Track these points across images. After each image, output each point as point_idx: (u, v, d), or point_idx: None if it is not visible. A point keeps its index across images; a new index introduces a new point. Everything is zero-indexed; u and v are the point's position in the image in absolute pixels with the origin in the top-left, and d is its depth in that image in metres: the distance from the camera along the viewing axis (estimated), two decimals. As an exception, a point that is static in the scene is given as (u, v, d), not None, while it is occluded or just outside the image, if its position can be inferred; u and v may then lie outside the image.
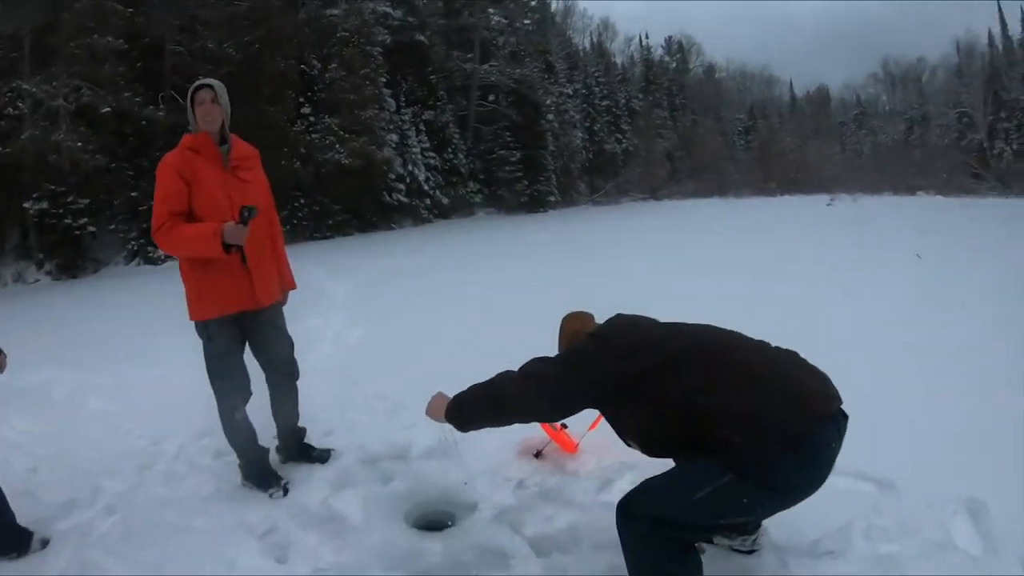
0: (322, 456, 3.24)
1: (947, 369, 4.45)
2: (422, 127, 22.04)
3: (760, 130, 49.92)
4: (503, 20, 25.98)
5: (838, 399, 1.94)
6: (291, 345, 3.16)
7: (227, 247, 2.61)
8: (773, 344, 2.13)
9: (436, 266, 11.47)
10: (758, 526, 2.42)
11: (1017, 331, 5.39)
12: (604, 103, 37.60)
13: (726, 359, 2.01)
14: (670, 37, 52.77)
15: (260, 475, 3.01)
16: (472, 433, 3.51)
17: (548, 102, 26.86)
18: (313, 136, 17.14)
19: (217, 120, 2.79)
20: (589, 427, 3.12)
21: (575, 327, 2.40)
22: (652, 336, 2.13)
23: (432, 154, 22.21)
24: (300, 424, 3.31)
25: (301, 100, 17.53)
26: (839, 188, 32.74)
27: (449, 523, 2.82)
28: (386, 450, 3.34)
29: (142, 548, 2.60)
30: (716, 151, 42.16)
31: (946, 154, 40.10)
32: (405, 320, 6.93)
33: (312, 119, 17.49)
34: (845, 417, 1.94)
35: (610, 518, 2.64)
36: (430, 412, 2.34)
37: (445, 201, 22.12)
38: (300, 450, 3.27)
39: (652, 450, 2.18)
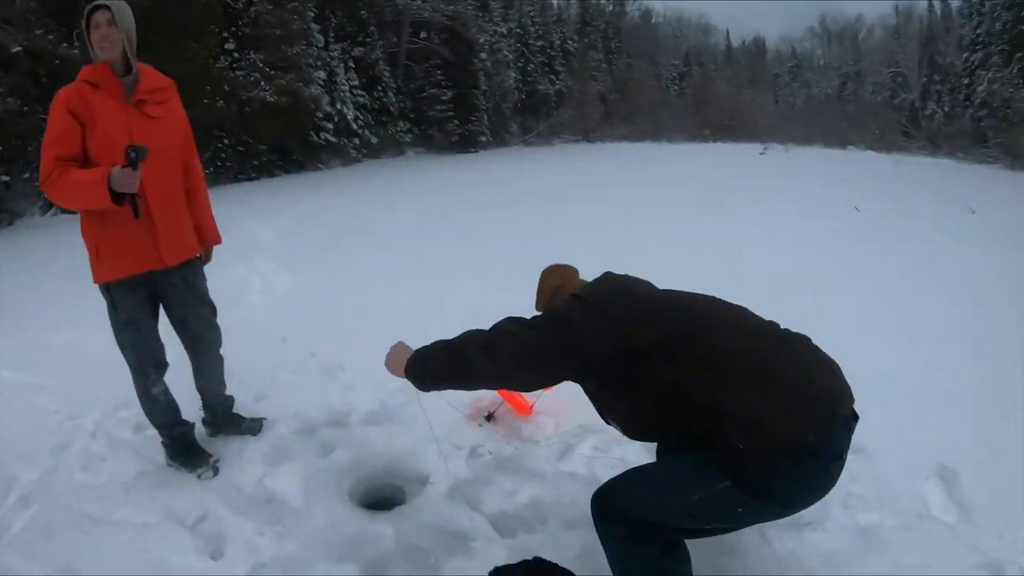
0: (253, 427, 2.94)
1: (905, 328, 4.51)
2: (351, 64, 20.96)
3: (695, 77, 50.10)
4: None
5: (851, 398, 1.69)
6: (212, 310, 2.78)
7: (118, 196, 2.19)
8: (781, 325, 1.86)
9: (366, 207, 10.92)
10: None
11: (962, 288, 5.67)
12: (538, 43, 36.70)
13: (735, 347, 1.72)
14: (609, -21, 52.16)
15: (186, 453, 2.70)
16: (416, 393, 3.37)
17: (481, 40, 25.97)
18: (237, 73, 16.01)
19: (116, 46, 2.30)
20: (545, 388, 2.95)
21: (555, 284, 2.11)
22: (649, 306, 1.84)
23: (361, 92, 21.23)
24: (227, 392, 2.99)
25: (225, 35, 16.26)
26: (772, 138, 33.21)
27: (399, 500, 2.61)
28: (324, 416, 3.08)
29: (61, 548, 2.27)
30: (650, 96, 42.03)
31: (878, 111, 41.10)
32: (336, 266, 6.52)
33: (236, 55, 16.31)
34: (856, 418, 1.70)
35: (576, 490, 2.52)
36: (389, 365, 2.06)
37: (374, 141, 21.27)
38: (229, 421, 2.95)
39: (636, 435, 1.98)
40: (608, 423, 1.99)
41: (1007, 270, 6.48)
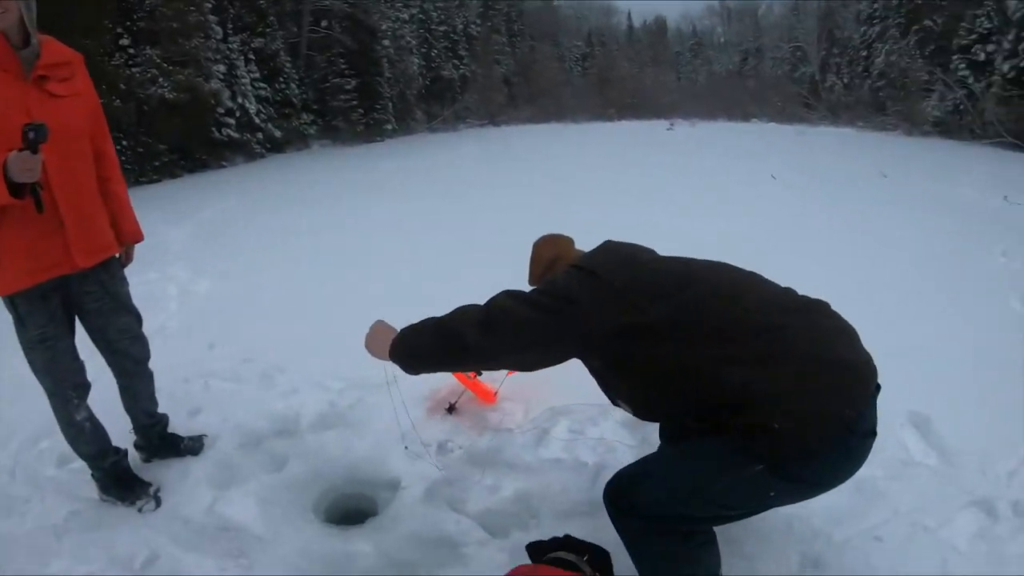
0: (193, 446, 2.61)
1: (850, 285, 4.48)
2: (251, 56, 19.83)
3: (597, 57, 50.40)
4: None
5: (875, 369, 1.57)
6: (137, 319, 2.40)
7: (17, 188, 1.80)
8: (797, 290, 1.73)
9: (278, 204, 10.26)
10: None
11: (896, 245, 5.88)
12: (441, 28, 35.96)
13: (759, 321, 1.56)
14: (509, -38, 51.87)
15: (122, 485, 2.34)
16: (367, 389, 3.12)
17: (384, 27, 24.92)
18: (134, 70, 14.85)
19: (12, 15, 1.88)
20: (507, 372, 2.74)
21: (550, 255, 1.93)
22: (658, 276, 1.67)
23: (263, 85, 20.14)
24: (160, 410, 2.63)
25: (119, 31, 15.06)
26: (676, 114, 33.91)
27: (370, 511, 2.36)
28: (269, 425, 2.79)
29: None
30: (553, 77, 41.97)
31: (779, 85, 42.20)
32: (256, 265, 6.03)
33: (132, 51, 15.14)
34: (879, 389, 1.59)
35: (563, 478, 2.35)
36: (370, 347, 1.87)
37: (278, 134, 20.27)
38: (165, 443, 2.59)
39: (649, 416, 1.81)
40: (616, 404, 1.82)
41: (928, 227, 6.74)
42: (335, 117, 23.56)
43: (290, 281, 5.32)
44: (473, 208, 8.37)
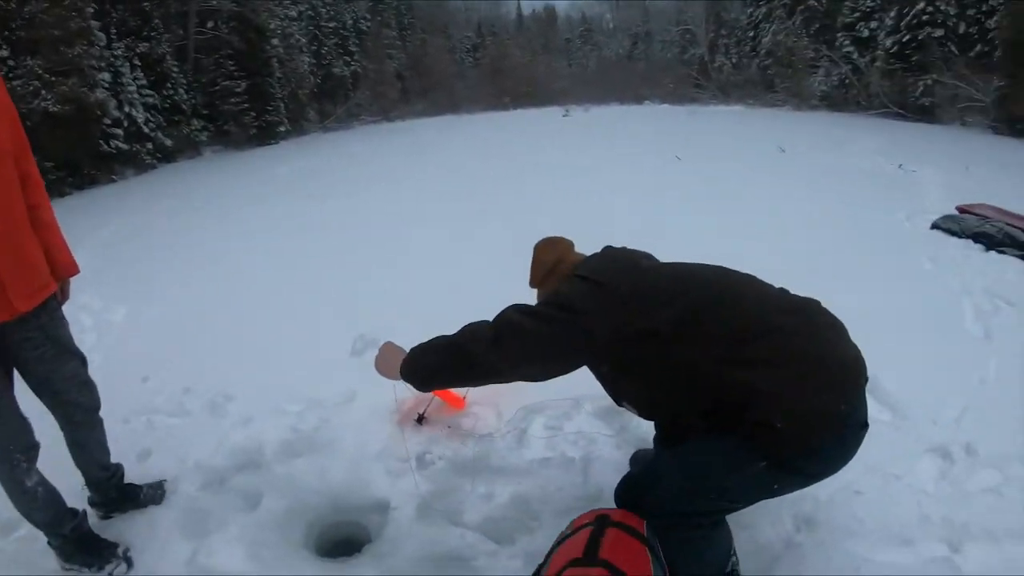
0: (154, 495, 2.36)
1: (775, 259, 4.63)
2: (137, 62, 18.47)
3: (489, 47, 50.09)
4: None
5: (864, 362, 1.65)
6: (82, 362, 2.12)
7: None
8: (788, 291, 1.80)
9: (180, 217, 9.53)
10: None
11: (810, 217, 6.17)
12: (331, 25, 34.81)
13: (759, 322, 1.62)
14: (397, -46, 50.70)
15: (86, 551, 2.07)
16: (328, 408, 2.97)
17: (272, 26, 23.97)
18: (15, 83, 13.55)
19: None
20: None
21: (551, 259, 1.92)
22: (659, 282, 1.71)
23: (150, 92, 18.80)
24: (112, 460, 2.36)
25: (-3, 42, 13.74)
26: (569, 100, 34.32)
27: (364, 538, 2.22)
28: (230, 461, 2.59)
29: None
30: (446, 69, 41.54)
31: (669, 67, 43.02)
32: (171, 286, 5.56)
33: (12, 63, 13.79)
34: (867, 381, 1.66)
35: (555, 476, 2.31)
36: (381, 368, 2.01)
37: (168, 143, 19.00)
38: (124, 495, 2.33)
39: (653, 415, 1.82)
40: (621, 405, 1.83)
41: (833, 198, 7.06)
42: (226, 122, 22.47)
43: (214, 298, 4.98)
44: (389, 207, 8.14)
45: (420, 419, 2.68)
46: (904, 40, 20.46)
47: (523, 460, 2.42)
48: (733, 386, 1.54)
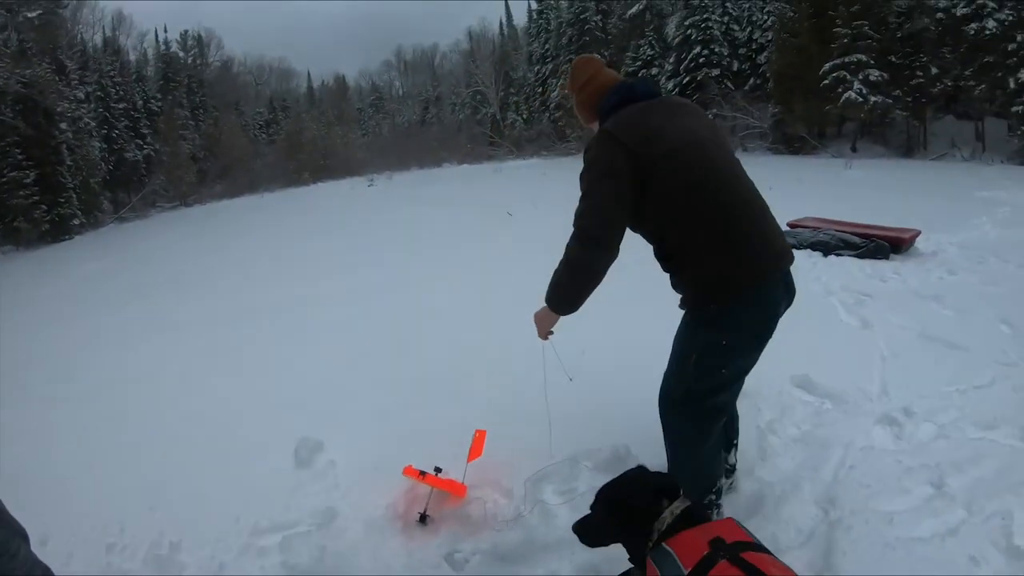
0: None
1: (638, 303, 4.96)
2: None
3: (283, 122, 48.36)
4: (3, 12, 19.73)
5: (792, 257, 2.04)
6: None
7: None
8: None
9: None
10: (733, 470, 2.44)
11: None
12: (121, 106, 31.87)
13: (722, 197, 1.93)
14: (186, 31, 47.32)
15: None
16: (314, 532, 2.47)
17: (60, 109, 21.25)
18: None
19: None
20: (468, 459, 2.54)
21: (585, 76, 2.19)
22: (666, 133, 1.94)
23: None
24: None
25: None
26: (369, 169, 34.10)
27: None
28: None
29: None
30: (242, 148, 39.26)
31: (463, 128, 44.21)
32: (21, 418, 4.09)
33: None
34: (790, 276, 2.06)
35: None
36: (539, 323, 2.19)
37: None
38: None
39: (662, 240, 2.04)
40: (635, 231, 2.06)
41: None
42: (15, 217, 19.48)
43: (80, 425, 3.91)
44: (209, 307, 7.13)
45: (422, 518, 2.40)
46: (684, 82, 23.53)
47: (555, 531, 2.28)
48: (675, 240, 1.96)
